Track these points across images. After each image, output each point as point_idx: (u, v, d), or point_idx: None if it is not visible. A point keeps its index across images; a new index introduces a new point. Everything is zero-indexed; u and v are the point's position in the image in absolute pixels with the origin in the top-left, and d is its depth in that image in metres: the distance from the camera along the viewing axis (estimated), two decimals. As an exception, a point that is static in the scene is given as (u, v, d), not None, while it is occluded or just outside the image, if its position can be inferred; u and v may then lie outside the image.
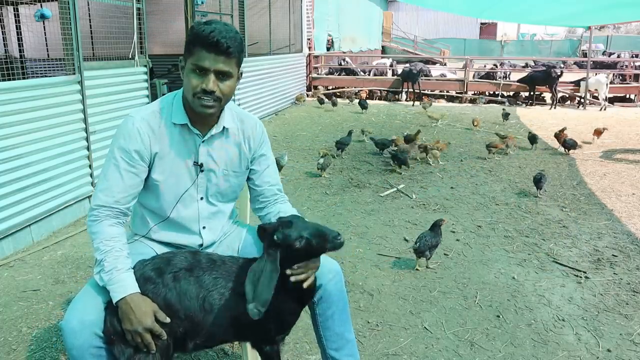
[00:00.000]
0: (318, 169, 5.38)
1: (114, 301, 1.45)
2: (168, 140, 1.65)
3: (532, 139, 6.83)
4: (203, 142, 1.68)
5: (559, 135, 6.71)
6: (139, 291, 1.48)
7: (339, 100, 12.15)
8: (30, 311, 2.69)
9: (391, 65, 14.22)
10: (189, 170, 1.69)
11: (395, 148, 6.03)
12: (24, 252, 3.46)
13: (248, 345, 1.89)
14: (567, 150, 6.55)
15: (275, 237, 1.52)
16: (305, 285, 1.56)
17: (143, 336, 1.44)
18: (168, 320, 1.47)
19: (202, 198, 1.75)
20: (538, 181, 4.77)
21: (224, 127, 1.70)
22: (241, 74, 1.66)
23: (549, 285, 3.04)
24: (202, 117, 1.64)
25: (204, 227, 1.79)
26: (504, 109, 9.55)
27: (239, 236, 1.90)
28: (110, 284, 1.47)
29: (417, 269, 3.21)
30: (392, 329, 2.56)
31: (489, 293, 2.93)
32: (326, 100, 11.10)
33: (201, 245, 1.80)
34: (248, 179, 1.85)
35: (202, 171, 1.71)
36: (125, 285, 1.47)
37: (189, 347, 1.57)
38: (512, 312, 2.73)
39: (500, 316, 2.68)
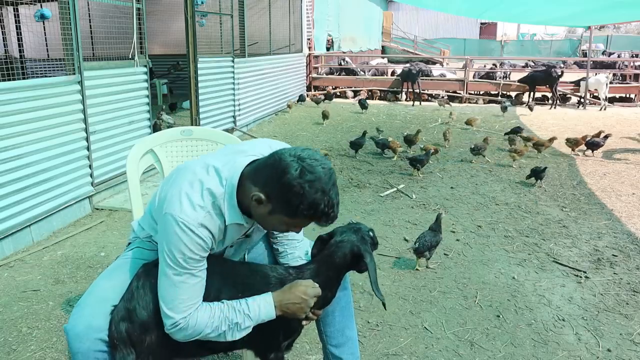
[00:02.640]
0: (318, 169, 5.37)
1: (275, 316, 1.48)
2: (223, 236, 1.51)
3: (515, 131, 7.14)
4: (251, 227, 1.59)
5: (576, 142, 6.43)
6: (271, 293, 1.50)
7: (339, 100, 12.16)
8: (30, 311, 2.69)
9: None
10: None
11: (420, 152, 5.88)
12: (24, 252, 3.46)
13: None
14: (592, 150, 6.50)
15: (370, 233, 1.63)
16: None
17: (307, 301, 1.48)
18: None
19: (232, 245, 1.67)
20: (539, 173, 4.95)
21: None
22: None
23: (549, 285, 3.04)
24: None
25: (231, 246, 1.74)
26: (502, 102, 9.68)
27: (246, 240, 1.88)
28: (257, 319, 1.48)
29: (417, 269, 3.21)
30: (392, 329, 2.56)
31: (489, 293, 2.93)
32: (325, 99, 11.17)
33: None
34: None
35: (247, 236, 1.66)
36: (265, 303, 1.48)
37: (193, 352, 1.53)
38: (512, 312, 2.73)
39: (500, 316, 2.68)
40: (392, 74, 13.48)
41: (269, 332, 1.56)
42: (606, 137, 6.49)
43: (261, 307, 1.47)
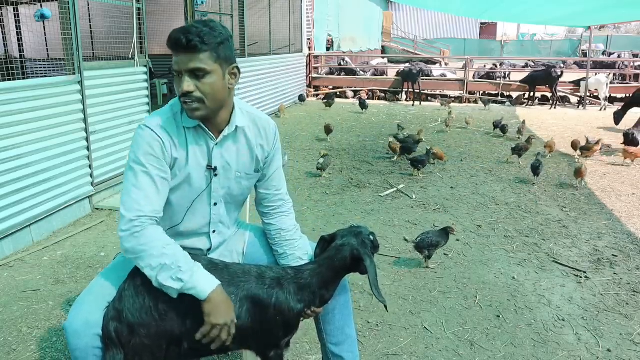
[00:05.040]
0: (318, 169, 5.38)
1: (203, 297, 1.41)
2: (185, 144, 1.60)
3: (502, 128, 7.53)
4: (216, 144, 1.63)
5: (590, 148, 6.14)
6: (220, 283, 1.45)
7: (339, 100, 12.16)
8: (30, 311, 2.69)
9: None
10: (202, 175, 1.64)
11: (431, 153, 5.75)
12: (24, 252, 3.46)
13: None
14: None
15: (371, 237, 1.66)
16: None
17: (229, 329, 1.43)
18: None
19: (215, 204, 1.71)
20: (536, 168, 5.01)
21: (236, 127, 1.64)
22: (235, 68, 1.58)
23: (549, 285, 3.04)
24: (209, 119, 1.59)
25: (214, 231, 1.76)
26: (485, 99, 10.99)
27: (242, 238, 1.88)
28: (193, 282, 1.41)
29: (427, 267, 3.24)
30: (392, 329, 2.56)
31: (489, 293, 2.93)
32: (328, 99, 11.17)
33: (209, 249, 1.77)
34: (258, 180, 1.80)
35: (215, 175, 1.66)
36: (210, 280, 1.44)
37: (182, 354, 1.51)
38: (512, 312, 2.73)
39: (500, 316, 2.68)
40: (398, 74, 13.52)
41: (269, 330, 1.56)
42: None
43: (202, 281, 1.43)
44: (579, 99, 11.51)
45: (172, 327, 1.47)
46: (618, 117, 8.25)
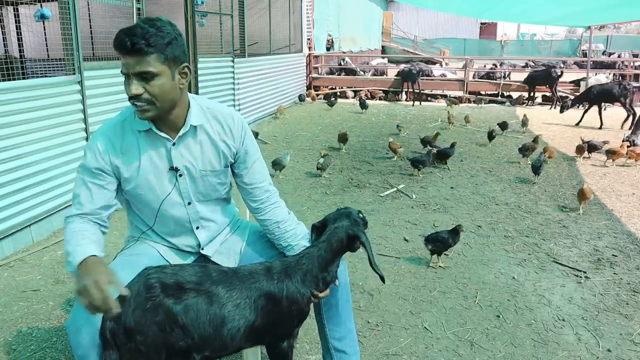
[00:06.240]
0: (318, 168, 5.38)
1: (74, 267, 1.38)
2: (136, 149, 1.60)
3: (502, 125, 7.66)
4: (174, 144, 1.61)
5: (616, 152, 6.04)
6: (102, 255, 1.44)
7: (340, 100, 12.16)
8: (30, 311, 2.69)
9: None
10: (165, 177, 1.64)
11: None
12: (24, 252, 3.46)
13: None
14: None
15: (360, 214, 1.74)
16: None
17: (95, 292, 1.26)
18: (126, 293, 1.33)
19: (189, 203, 1.70)
20: (537, 168, 5.06)
21: (192, 125, 1.62)
22: (186, 67, 1.54)
23: (549, 285, 3.04)
24: (162, 120, 1.57)
25: (197, 228, 1.76)
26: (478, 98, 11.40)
27: (241, 237, 1.88)
28: (70, 254, 1.41)
29: (440, 266, 3.25)
30: (392, 329, 2.56)
31: (489, 293, 2.93)
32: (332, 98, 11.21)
33: (199, 244, 1.78)
34: (235, 176, 1.78)
35: (180, 175, 1.65)
36: (86, 251, 1.41)
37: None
38: (512, 312, 2.73)
39: (500, 316, 2.68)
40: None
41: (284, 321, 1.58)
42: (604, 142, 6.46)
43: (79, 251, 1.41)
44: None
45: (175, 341, 1.45)
46: (564, 109, 9.24)
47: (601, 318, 2.67)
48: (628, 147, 6.09)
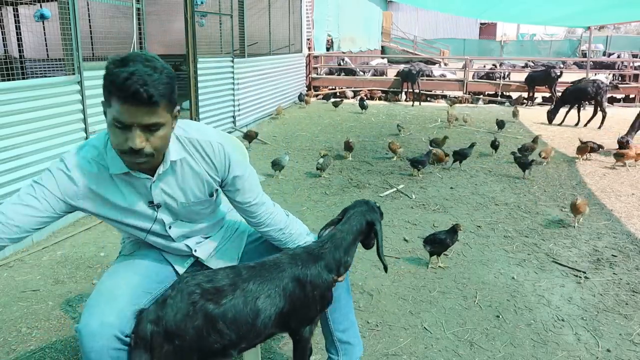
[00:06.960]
0: (318, 169, 5.38)
1: None
2: (112, 188, 1.50)
3: (499, 124, 7.79)
4: (153, 183, 1.52)
5: (625, 154, 5.97)
6: None
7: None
8: (30, 311, 2.69)
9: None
10: (145, 210, 1.57)
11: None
12: (24, 252, 3.46)
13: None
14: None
15: (377, 204, 1.84)
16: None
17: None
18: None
19: (170, 227, 1.65)
20: (524, 165, 5.28)
21: (171, 161, 1.51)
22: (179, 111, 1.44)
23: (549, 285, 3.04)
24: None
25: (184, 241, 1.73)
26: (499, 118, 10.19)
27: (239, 244, 1.87)
28: None
29: (440, 266, 3.25)
30: (391, 329, 2.56)
31: (488, 293, 2.93)
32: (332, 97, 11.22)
33: (195, 250, 1.76)
34: (227, 196, 1.71)
35: (158, 206, 1.58)
36: None
37: (231, 355, 1.51)
38: (511, 312, 2.73)
39: (500, 316, 2.68)
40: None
41: (308, 306, 1.63)
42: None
43: None
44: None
45: (212, 344, 1.46)
46: (551, 115, 8.95)
47: (601, 318, 2.67)
48: (621, 147, 6.12)
